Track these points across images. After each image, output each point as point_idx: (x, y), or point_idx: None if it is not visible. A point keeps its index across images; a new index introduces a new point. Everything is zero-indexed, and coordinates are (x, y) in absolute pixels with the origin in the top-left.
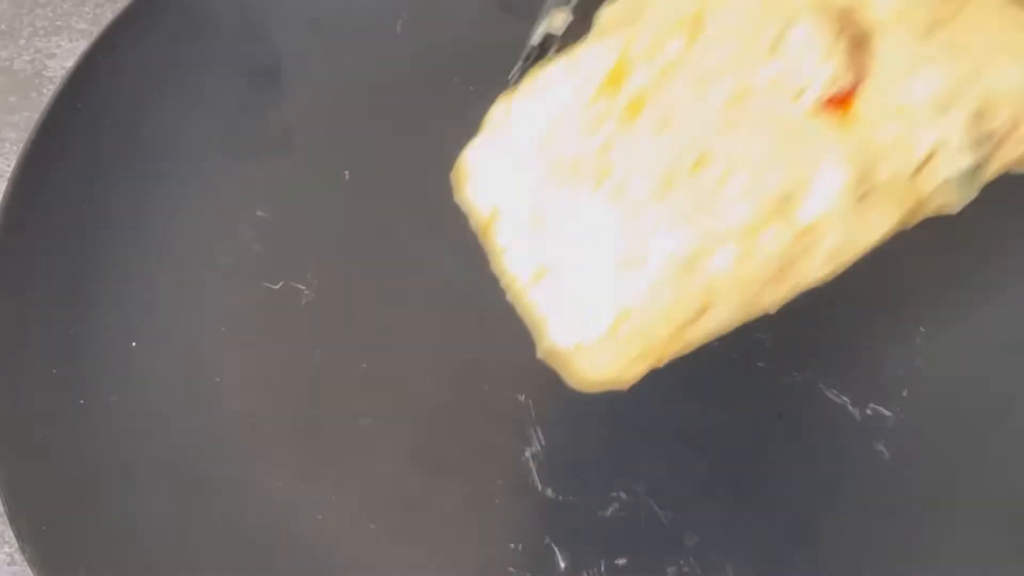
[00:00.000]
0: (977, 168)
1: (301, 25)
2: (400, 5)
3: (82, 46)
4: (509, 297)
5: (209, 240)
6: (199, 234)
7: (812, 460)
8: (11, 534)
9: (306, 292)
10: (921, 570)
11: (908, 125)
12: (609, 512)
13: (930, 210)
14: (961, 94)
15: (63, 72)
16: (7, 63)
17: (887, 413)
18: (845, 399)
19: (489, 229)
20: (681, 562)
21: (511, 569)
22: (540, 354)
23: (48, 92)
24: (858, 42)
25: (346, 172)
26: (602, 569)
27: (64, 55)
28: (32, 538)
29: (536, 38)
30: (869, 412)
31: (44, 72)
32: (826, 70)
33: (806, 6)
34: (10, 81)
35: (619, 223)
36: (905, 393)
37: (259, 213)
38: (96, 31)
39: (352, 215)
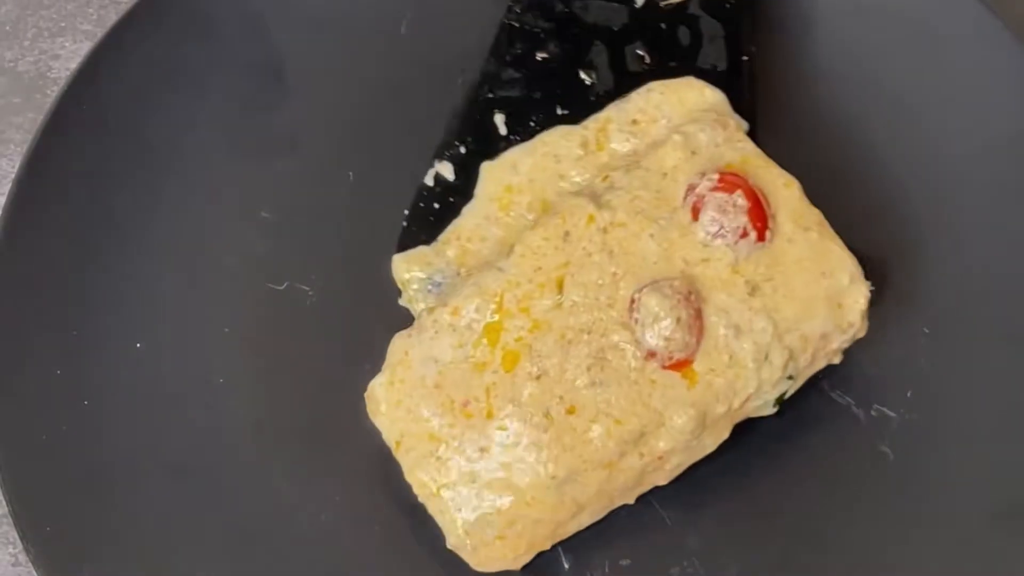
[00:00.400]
0: (781, 395)
1: (305, 26)
2: (404, 6)
3: (86, 47)
4: (420, 499)
5: (213, 241)
6: (203, 235)
7: (817, 461)
8: (15, 535)
9: (310, 293)
10: (926, 570)
11: (737, 373)
12: (613, 513)
13: (747, 417)
14: (778, 344)
15: (67, 73)
16: (11, 64)
17: (892, 414)
18: (849, 400)
19: (398, 451)
20: (685, 563)
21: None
22: (448, 546)
23: (52, 93)
24: (698, 310)
25: (350, 173)
26: (606, 570)
27: (68, 56)
28: (36, 539)
29: (429, 180)
30: (874, 413)
31: (48, 73)
32: (671, 340)
33: (651, 274)
34: (14, 82)
35: (505, 452)
36: (910, 394)
37: (263, 214)
38: (100, 32)
39: (356, 216)
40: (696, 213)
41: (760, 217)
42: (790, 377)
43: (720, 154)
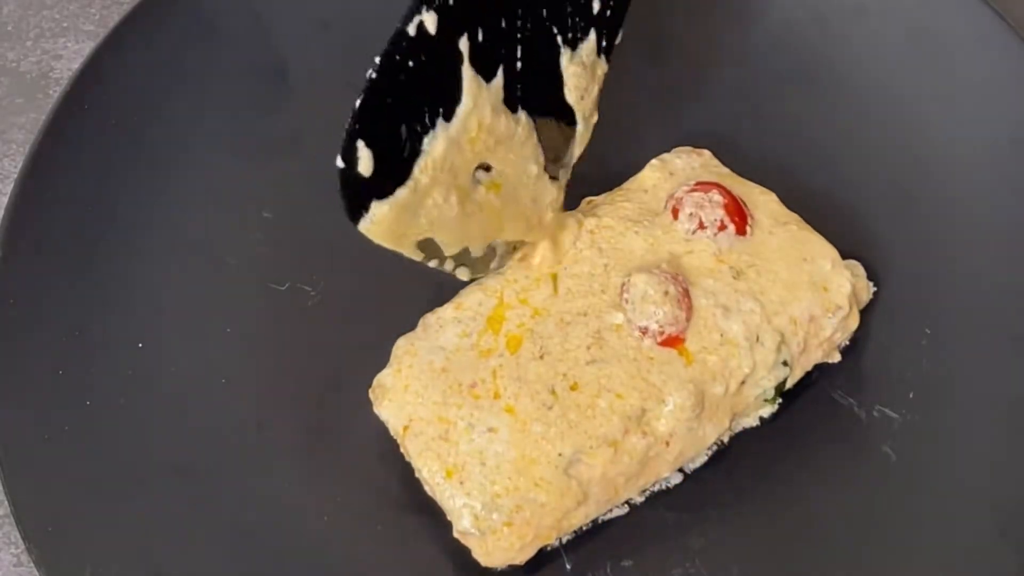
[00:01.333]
0: (780, 384)
1: (308, 27)
2: (405, 7)
3: (88, 48)
4: (427, 490)
5: (215, 241)
6: (205, 235)
7: (818, 462)
8: (17, 535)
9: (312, 294)
10: (927, 571)
11: (730, 351)
12: (615, 514)
13: (746, 421)
14: (767, 326)
15: (69, 74)
16: (14, 64)
17: (894, 415)
18: (852, 401)
19: (404, 439)
20: (687, 564)
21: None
22: (455, 534)
23: (55, 94)
24: (685, 289)
25: None
26: (608, 571)
27: (71, 56)
28: (38, 539)
29: (411, 29)
30: (876, 414)
31: (51, 74)
32: (661, 315)
33: (639, 264)
34: (17, 83)
35: (513, 432)
36: (911, 395)
37: (265, 214)
38: (103, 33)
39: None
40: (676, 213)
41: (738, 212)
42: (785, 363)
43: (697, 175)
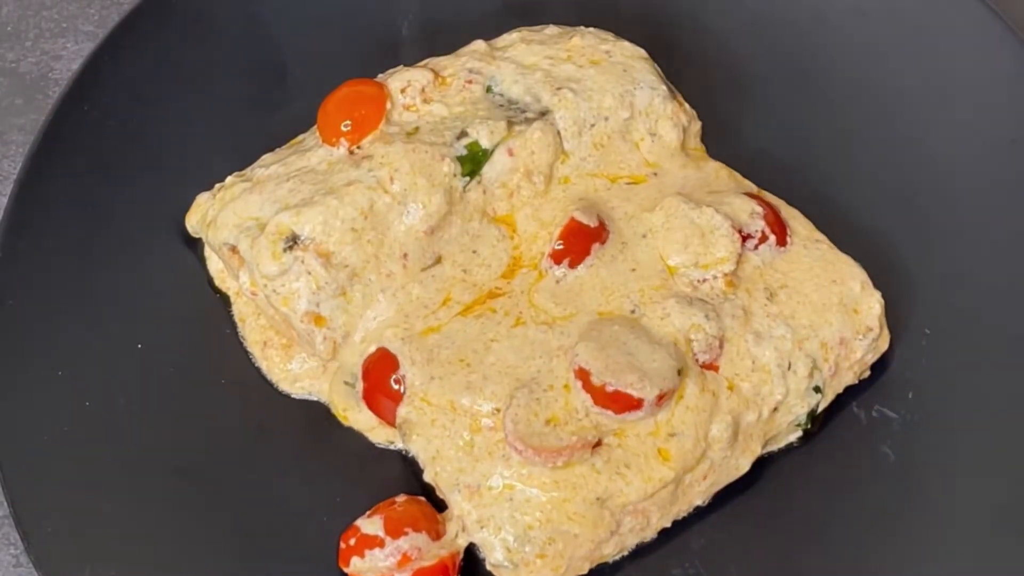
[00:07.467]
0: (812, 410)
1: (307, 26)
2: (406, 6)
3: (88, 48)
4: (458, 534)
5: None
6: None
7: (817, 462)
8: (16, 536)
9: None
10: (926, 572)
11: (762, 378)
12: None
13: (776, 445)
14: (799, 353)
15: (69, 74)
16: (13, 65)
17: (893, 415)
18: (851, 401)
19: (433, 468)
20: (686, 564)
21: None
22: (489, 566)
23: (54, 94)
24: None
25: None
26: (608, 570)
27: (70, 57)
28: (38, 540)
29: None
30: (875, 414)
31: (50, 74)
32: (694, 344)
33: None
34: (16, 83)
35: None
36: (911, 395)
37: None
38: (102, 33)
39: None
40: None
41: (778, 222)
42: (817, 389)
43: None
